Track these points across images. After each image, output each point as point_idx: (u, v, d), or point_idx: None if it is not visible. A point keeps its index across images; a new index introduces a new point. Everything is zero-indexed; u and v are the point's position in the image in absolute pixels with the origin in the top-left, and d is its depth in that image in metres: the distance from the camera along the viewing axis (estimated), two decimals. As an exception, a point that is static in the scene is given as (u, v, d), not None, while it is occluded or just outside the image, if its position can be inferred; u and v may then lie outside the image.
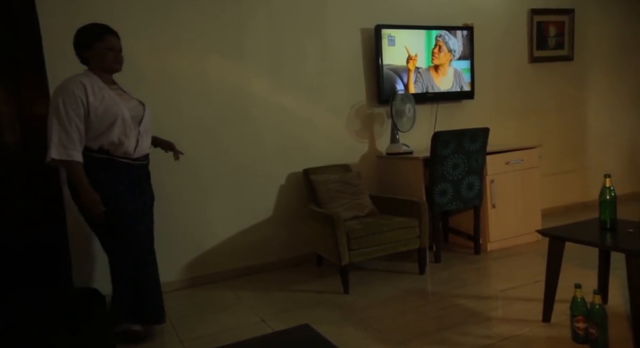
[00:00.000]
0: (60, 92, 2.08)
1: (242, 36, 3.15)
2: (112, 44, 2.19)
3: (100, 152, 2.15)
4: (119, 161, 2.19)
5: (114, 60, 2.21)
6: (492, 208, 3.29)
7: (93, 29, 2.19)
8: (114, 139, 2.14)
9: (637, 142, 4.73)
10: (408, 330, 2.18)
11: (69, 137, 2.05)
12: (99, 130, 2.12)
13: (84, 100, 2.07)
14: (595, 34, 4.39)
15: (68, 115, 2.04)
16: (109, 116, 2.12)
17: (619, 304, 2.23)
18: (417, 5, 3.70)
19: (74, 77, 2.13)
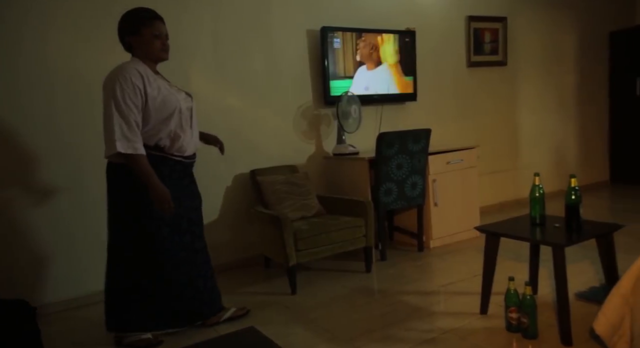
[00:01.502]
0: (116, 80, 1.91)
1: (182, 33, 3.07)
2: (159, 30, 2.04)
3: (155, 149, 2.02)
4: (171, 159, 2.07)
5: (160, 48, 2.05)
6: (434, 206, 3.42)
7: (140, 13, 2.04)
8: (170, 132, 2.02)
9: (562, 143, 5.09)
10: (355, 328, 2.22)
11: (131, 129, 1.90)
12: (157, 122, 1.98)
13: (142, 90, 1.93)
14: (526, 41, 4.68)
15: (127, 105, 1.89)
16: (167, 108, 1.99)
17: (547, 294, 2.39)
18: (362, 8, 3.77)
19: (127, 65, 1.97)
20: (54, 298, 2.72)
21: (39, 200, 2.70)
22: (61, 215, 2.74)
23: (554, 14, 4.83)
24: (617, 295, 1.62)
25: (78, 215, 2.78)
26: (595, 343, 1.81)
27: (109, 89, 1.92)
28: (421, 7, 4.06)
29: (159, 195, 1.96)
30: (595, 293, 2.31)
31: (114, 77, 1.93)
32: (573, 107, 5.12)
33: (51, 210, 2.72)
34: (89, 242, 2.79)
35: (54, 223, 2.72)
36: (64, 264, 2.75)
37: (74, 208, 2.77)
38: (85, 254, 2.80)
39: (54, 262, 2.73)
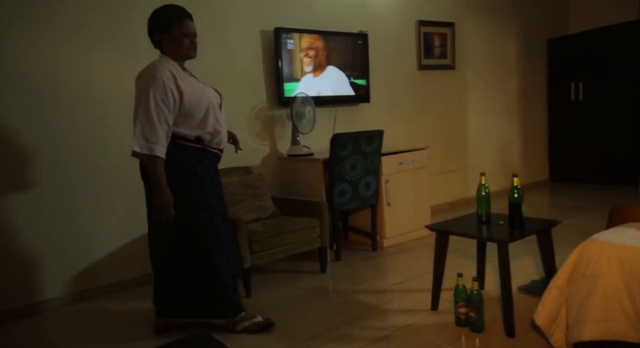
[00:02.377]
0: (149, 81, 1.93)
1: (129, 28, 2.96)
2: (188, 28, 2.06)
3: (196, 142, 2.06)
4: (211, 151, 2.12)
5: (189, 46, 2.07)
6: (387, 206, 3.49)
7: (170, 12, 2.05)
8: (210, 128, 2.07)
9: (507, 144, 5.34)
10: (310, 329, 2.23)
11: (153, 131, 1.91)
12: (197, 118, 2.03)
13: (174, 91, 1.96)
14: (472, 46, 4.87)
15: (158, 107, 1.91)
16: (202, 104, 2.04)
17: (493, 289, 2.50)
18: (316, 10, 3.79)
19: (158, 64, 1.98)
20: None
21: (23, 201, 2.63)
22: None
23: (497, 21, 5.07)
24: (554, 287, 1.73)
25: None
26: (535, 334, 1.92)
27: (140, 89, 1.95)
28: (373, 11, 4.13)
29: (164, 200, 1.95)
30: (536, 286, 2.44)
31: (146, 77, 1.95)
32: (516, 110, 5.39)
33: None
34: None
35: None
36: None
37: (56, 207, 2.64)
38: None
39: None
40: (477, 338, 2.00)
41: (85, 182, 2.85)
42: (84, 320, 2.57)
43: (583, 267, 1.64)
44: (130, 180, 3.00)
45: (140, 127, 1.92)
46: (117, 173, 2.94)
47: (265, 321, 2.23)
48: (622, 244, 1.58)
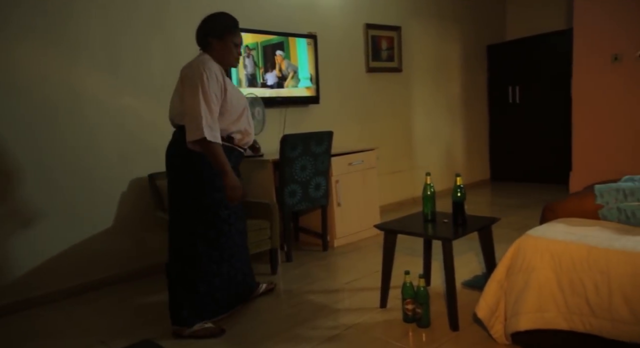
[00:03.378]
0: (202, 71, 2.01)
1: (70, 27, 2.82)
2: (239, 40, 2.21)
3: (227, 140, 2.14)
4: (238, 150, 2.22)
5: (236, 58, 2.22)
6: (337, 206, 3.53)
7: (228, 20, 2.21)
8: (242, 127, 2.18)
9: (451, 145, 5.56)
10: (260, 332, 2.21)
11: (213, 119, 2.01)
12: (233, 117, 2.13)
13: (222, 84, 2.06)
14: (418, 50, 5.03)
15: (211, 98, 2.00)
16: (239, 105, 2.16)
17: (438, 285, 2.60)
18: (265, 10, 3.77)
19: (208, 60, 2.08)
20: None
21: None
22: None
23: (440, 27, 5.26)
24: (494, 281, 1.82)
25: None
26: (478, 326, 2.01)
27: (196, 78, 2.00)
28: (322, 13, 4.17)
29: (234, 183, 2.05)
30: (478, 281, 2.56)
31: (199, 68, 2.02)
32: (459, 112, 5.62)
33: None
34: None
35: None
36: None
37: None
38: None
39: None
40: (424, 333, 2.07)
41: (35, 186, 2.68)
42: (20, 332, 2.41)
43: (519, 262, 1.74)
44: (82, 181, 2.86)
45: (204, 115, 1.97)
46: (71, 176, 2.79)
47: (215, 327, 2.21)
48: (553, 239, 1.69)
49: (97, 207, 2.98)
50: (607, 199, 1.86)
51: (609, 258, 1.53)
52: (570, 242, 1.64)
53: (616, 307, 1.49)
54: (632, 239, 1.59)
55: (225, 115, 2.10)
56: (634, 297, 1.46)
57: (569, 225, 1.84)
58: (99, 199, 2.99)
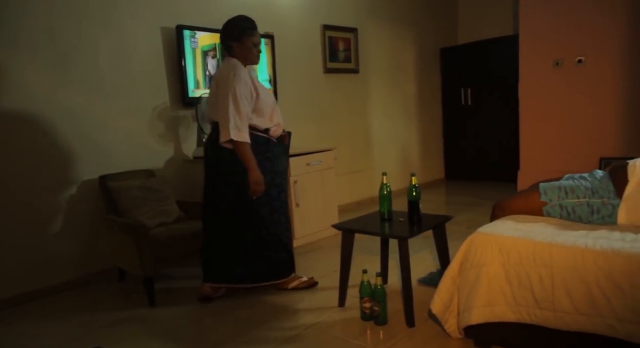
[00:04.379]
0: (233, 80, 2.27)
1: (11, 18, 2.67)
2: (257, 39, 2.43)
3: (265, 132, 2.44)
4: (272, 141, 2.51)
5: (256, 56, 2.45)
6: (296, 207, 3.53)
7: (244, 23, 2.43)
8: (275, 121, 2.46)
9: (407, 145, 5.69)
10: (218, 334, 2.18)
11: (242, 121, 2.28)
12: (267, 113, 2.41)
13: (252, 89, 2.33)
14: (374, 52, 5.12)
15: (242, 101, 2.27)
16: (269, 102, 2.43)
17: (395, 282, 2.65)
18: (220, 10, 3.71)
19: (237, 66, 2.33)
20: None
21: None
22: None
23: (396, 30, 5.38)
24: (448, 277, 1.88)
25: None
26: (433, 322, 2.07)
27: (228, 86, 2.28)
28: (280, 13, 4.16)
29: (257, 178, 2.34)
30: (433, 278, 2.63)
31: (230, 76, 2.29)
32: (414, 113, 5.76)
33: None
34: None
35: None
36: None
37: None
38: None
39: None
40: (381, 331, 2.11)
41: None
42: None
43: (471, 258, 1.80)
44: (25, 184, 2.71)
45: (232, 119, 2.26)
46: (12, 179, 2.63)
47: (309, 279, 2.68)
48: (501, 235, 1.76)
49: (41, 211, 2.84)
50: (550, 197, 1.96)
51: (552, 253, 1.61)
52: (517, 238, 1.72)
53: (558, 298, 1.58)
54: (572, 234, 1.69)
55: (260, 112, 2.39)
56: (574, 288, 1.55)
57: (516, 221, 1.93)
58: (45, 202, 2.85)
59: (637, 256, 1.47)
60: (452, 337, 1.94)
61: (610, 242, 1.57)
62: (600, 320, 1.50)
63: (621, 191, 1.84)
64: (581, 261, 1.55)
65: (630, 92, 3.97)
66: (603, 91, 4.11)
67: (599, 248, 1.54)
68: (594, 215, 1.87)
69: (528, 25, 4.44)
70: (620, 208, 1.82)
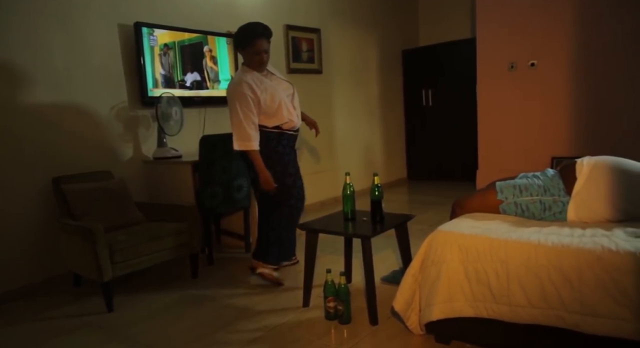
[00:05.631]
0: (234, 94, 2.55)
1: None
2: (259, 48, 2.59)
3: (276, 128, 2.65)
4: (287, 133, 2.71)
5: (258, 62, 2.62)
6: (260, 207, 3.50)
7: (246, 32, 2.60)
8: (285, 118, 2.65)
9: (370, 145, 5.76)
10: (180, 339, 2.14)
11: (245, 132, 2.54)
12: (271, 113, 2.60)
13: (252, 97, 2.54)
14: (337, 53, 5.15)
15: (245, 114, 2.53)
16: (274, 102, 2.60)
17: (359, 281, 2.68)
18: (181, 9, 3.64)
19: (239, 78, 2.59)
20: None
21: None
22: None
23: (359, 31, 5.43)
24: (409, 275, 1.92)
25: None
26: (395, 320, 2.10)
27: (231, 102, 2.57)
28: (242, 12, 4.12)
29: (266, 179, 2.60)
30: (395, 276, 2.67)
31: (233, 92, 2.57)
32: (377, 114, 5.84)
33: None
34: None
35: None
36: None
37: None
38: None
39: None
40: (345, 330, 2.12)
41: None
42: None
43: (431, 255, 1.85)
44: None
45: (236, 131, 2.55)
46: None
47: (278, 279, 2.74)
48: (460, 232, 1.82)
49: (-9, 215, 2.69)
50: (506, 195, 2.04)
51: (507, 248, 1.68)
52: (475, 235, 1.77)
53: (513, 292, 1.64)
54: (526, 231, 1.76)
55: (265, 114, 2.60)
56: (527, 282, 1.62)
57: (474, 219, 1.99)
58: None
59: (584, 250, 1.55)
60: (414, 333, 1.98)
61: (561, 238, 1.65)
62: (551, 312, 1.57)
63: (570, 189, 1.93)
64: (534, 256, 1.62)
65: (579, 95, 4.18)
66: (554, 94, 4.30)
67: (550, 244, 1.62)
68: (546, 212, 1.95)
69: (484, 30, 4.59)
70: (570, 205, 1.91)
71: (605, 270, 1.49)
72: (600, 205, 1.85)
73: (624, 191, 1.82)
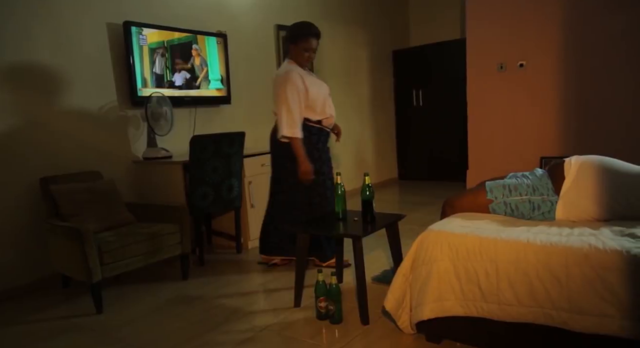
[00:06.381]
0: (284, 84, 2.63)
1: None
2: (310, 46, 2.72)
3: (318, 123, 2.78)
4: (325, 130, 2.84)
5: (306, 59, 2.76)
6: (251, 208, 3.50)
7: (301, 29, 2.73)
8: (326, 113, 2.78)
9: (361, 145, 5.78)
10: (169, 340, 2.12)
11: (293, 120, 2.62)
12: (315, 106, 2.72)
13: (301, 88, 2.65)
14: (329, 53, 5.15)
15: (293, 101, 2.62)
16: (320, 96, 2.74)
17: (350, 281, 2.68)
18: (171, 8, 3.62)
19: (290, 70, 2.66)
20: None
21: None
22: None
23: (350, 31, 5.45)
24: (400, 275, 1.92)
25: None
26: (386, 319, 2.11)
27: (280, 90, 2.65)
28: (232, 13, 4.10)
29: (306, 168, 2.67)
30: (386, 275, 2.68)
31: (283, 81, 2.64)
32: (368, 114, 5.85)
33: None
34: None
35: None
36: None
37: None
38: None
39: None
40: (336, 329, 2.13)
41: None
42: None
43: (422, 255, 1.85)
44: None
45: (284, 117, 2.61)
46: None
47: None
48: (451, 232, 1.83)
49: (-23, 217, 2.66)
50: (495, 194, 2.05)
51: (497, 247, 1.69)
52: (465, 234, 1.78)
53: (502, 291, 1.66)
54: (515, 230, 1.78)
55: (310, 107, 2.70)
56: (516, 280, 1.63)
57: (464, 219, 2.01)
58: (-20, 207, 2.67)
59: (572, 249, 1.57)
60: (405, 333, 1.98)
61: (549, 237, 1.67)
62: (540, 311, 1.59)
63: (559, 188, 1.95)
64: (523, 255, 1.63)
65: (567, 95, 4.23)
66: (542, 94, 4.35)
67: (539, 243, 1.63)
68: (535, 211, 1.97)
69: (474, 31, 4.63)
70: (558, 204, 1.93)
71: (592, 268, 1.51)
72: (588, 204, 1.87)
73: (611, 190, 1.85)
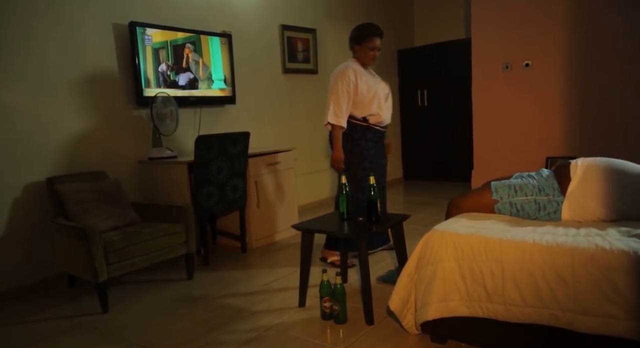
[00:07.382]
0: (339, 76, 2.83)
1: None
2: (375, 45, 2.90)
3: (363, 121, 2.90)
4: (374, 128, 2.94)
5: (371, 58, 2.93)
6: (256, 207, 3.50)
7: (366, 30, 2.91)
8: (373, 111, 2.89)
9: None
10: (174, 340, 2.13)
11: (339, 109, 2.80)
12: (364, 103, 2.85)
13: (354, 82, 2.82)
14: (333, 53, 5.14)
15: (342, 93, 2.80)
16: (369, 93, 2.86)
17: (355, 281, 2.68)
18: (176, 7, 3.63)
19: (347, 65, 2.86)
20: None
21: None
22: None
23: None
24: (405, 275, 1.92)
25: None
26: (391, 319, 2.11)
27: (333, 83, 2.83)
28: (237, 12, 4.11)
29: (337, 156, 2.85)
30: (391, 275, 2.68)
31: (338, 75, 2.84)
32: (373, 114, 5.83)
33: None
34: None
35: None
36: None
37: None
38: None
39: None
40: (341, 329, 2.12)
41: None
42: None
43: (427, 255, 1.85)
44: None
45: (332, 106, 2.80)
46: None
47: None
48: (456, 232, 1.82)
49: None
50: (501, 195, 2.05)
51: (502, 248, 1.68)
52: (470, 235, 1.78)
53: (508, 291, 1.65)
54: (521, 230, 1.77)
55: (358, 104, 2.84)
56: (522, 281, 1.63)
57: (469, 219, 2.00)
58: (-13, 207, 2.69)
59: (578, 249, 1.56)
60: (410, 333, 1.98)
61: (555, 237, 1.66)
62: (545, 311, 1.58)
63: (565, 189, 1.94)
64: (529, 255, 1.62)
65: (573, 95, 4.20)
66: (548, 94, 4.32)
67: (545, 243, 1.62)
68: (540, 212, 1.96)
69: (479, 31, 4.61)
70: (564, 205, 1.92)
71: (598, 268, 1.50)
72: (594, 205, 1.86)
73: (617, 191, 1.83)
